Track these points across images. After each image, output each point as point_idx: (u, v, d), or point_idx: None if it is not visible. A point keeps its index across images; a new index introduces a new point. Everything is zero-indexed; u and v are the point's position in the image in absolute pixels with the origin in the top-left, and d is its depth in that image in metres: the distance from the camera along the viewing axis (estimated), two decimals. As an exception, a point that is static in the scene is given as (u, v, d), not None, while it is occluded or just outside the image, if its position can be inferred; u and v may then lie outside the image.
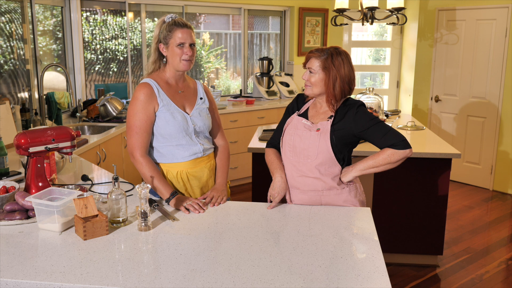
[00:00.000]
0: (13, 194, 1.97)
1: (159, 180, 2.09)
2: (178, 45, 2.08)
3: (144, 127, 2.10)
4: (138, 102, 2.09)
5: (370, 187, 3.39)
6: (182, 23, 2.11)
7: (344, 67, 2.05)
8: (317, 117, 2.15)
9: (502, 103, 5.10)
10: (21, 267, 1.48)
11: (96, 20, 4.87)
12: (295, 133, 2.14)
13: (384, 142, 2.05)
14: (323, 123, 2.10)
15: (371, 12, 4.40)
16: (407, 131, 4.01)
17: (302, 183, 2.13)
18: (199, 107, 2.24)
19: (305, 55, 2.32)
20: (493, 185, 5.28)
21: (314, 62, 2.08)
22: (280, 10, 6.20)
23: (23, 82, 3.87)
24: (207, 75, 6.01)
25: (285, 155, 2.19)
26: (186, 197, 2.06)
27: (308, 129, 2.12)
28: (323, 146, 2.06)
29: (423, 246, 3.44)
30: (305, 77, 2.12)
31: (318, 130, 2.09)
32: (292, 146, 2.14)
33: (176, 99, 2.17)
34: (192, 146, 2.17)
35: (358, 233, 1.80)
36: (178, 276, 1.44)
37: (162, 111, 2.11)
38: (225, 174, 2.29)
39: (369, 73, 7.21)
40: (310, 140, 2.09)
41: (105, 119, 4.22)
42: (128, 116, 2.13)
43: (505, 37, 5.00)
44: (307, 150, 2.09)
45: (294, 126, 2.17)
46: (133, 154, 2.12)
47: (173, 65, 2.14)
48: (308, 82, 2.11)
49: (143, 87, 2.11)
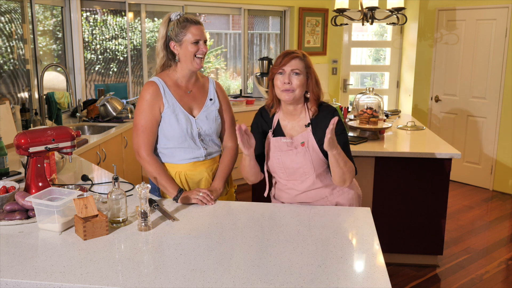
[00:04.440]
0: (13, 194, 1.97)
1: (165, 178, 2.09)
2: (193, 42, 2.04)
3: (150, 126, 2.09)
4: (144, 101, 2.09)
5: (370, 187, 3.39)
6: (195, 20, 2.06)
7: (314, 70, 2.02)
8: (293, 129, 2.04)
9: (502, 103, 5.10)
10: (21, 267, 1.48)
11: (96, 20, 4.87)
12: (281, 155, 2.02)
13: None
14: (303, 134, 2.00)
15: (371, 12, 4.40)
16: (407, 131, 4.01)
17: (307, 197, 2.09)
18: (208, 109, 2.18)
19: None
20: (493, 185, 5.28)
21: (299, 63, 1.94)
22: (280, 10, 6.20)
23: (23, 82, 3.87)
24: (207, 75, 6.00)
25: (278, 177, 2.10)
26: (191, 192, 2.07)
27: (293, 147, 2.01)
28: (316, 159, 2.01)
29: (423, 246, 3.44)
30: (286, 80, 1.93)
31: (303, 144, 1.99)
32: (283, 169, 2.05)
33: (184, 101, 2.13)
34: (194, 150, 2.15)
35: (358, 233, 1.80)
36: (178, 276, 1.44)
37: (167, 113, 2.09)
38: (223, 178, 2.20)
39: (369, 73, 7.20)
40: (300, 157, 2.00)
41: (105, 119, 4.22)
42: (135, 115, 2.13)
43: (505, 37, 5.00)
44: (302, 168, 2.02)
45: (276, 149, 2.03)
46: (139, 152, 2.11)
47: (186, 64, 2.09)
48: (290, 86, 1.93)
49: (149, 86, 2.09)
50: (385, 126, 3.63)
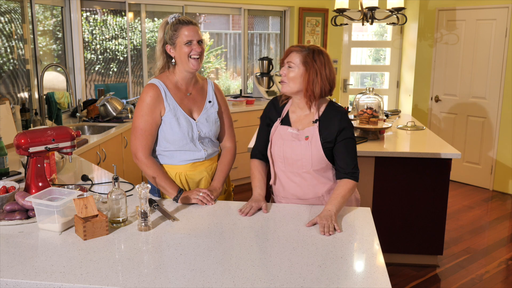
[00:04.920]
0: (13, 194, 1.97)
1: (164, 179, 2.09)
2: (185, 43, 2.04)
3: (149, 129, 2.08)
4: (144, 104, 2.07)
5: (370, 187, 3.39)
6: (187, 20, 2.06)
7: (325, 66, 1.99)
8: (301, 123, 2.07)
9: (502, 103, 5.10)
10: (21, 267, 1.48)
11: (96, 20, 4.87)
12: (283, 144, 2.06)
13: (349, 163, 2.01)
14: (310, 129, 2.03)
15: (371, 12, 4.40)
16: (407, 131, 4.01)
17: (300, 192, 2.10)
18: (207, 112, 2.18)
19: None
20: (493, 185, 5.28)
21: (295, 56, 1.99)
22: (280, 10, 6.20)
23: (23, 82, 3.87)
24: (207, 75, 6.00)
25: (278, 168, 2.12)
26: (191, 192, 2.07)
27: (296, 139, 2.04)
28: (316, 154, 2.02)
29: (423, 246, 3.44)
30: (283, 71, 2.01)
31: (307, 138, 2.02)
32: (283, 158, 2.07)
33: (184, 104, 2.13)
34: (194, 152, 2.15)
35: (358, 233, 1.80)
36: (178, 276, 1.44)
37: (168, 116, 2.09)
38: (222, 178, 2.22)
39: (369, 73, 7.21)
40: (301, 150, 2.02)
41: (105, 119, 4.22)
42: (134, 117, 2.11)
43: (505, 37, 5.00)
44: (300, 160, 2.04)
45: (280, 137, 2.08)
46: (137, 155, 2.11)
47: (182, 66, 2.09)
48: (285, 78, 2.01)
49: (150, 89, 2.08)
50: (385, 126, 3.63)
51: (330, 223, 1.80)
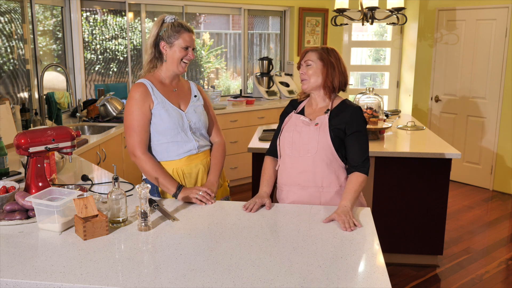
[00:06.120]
0: (13, 194, 1.97)
1: (163, 175, 2.12)
2: (183, 47, 2.13)
3: (142, 125, 2.12)
4: (133, 101, 2.12)
5: (370, 187, 3.39)
6: (189, 27, 2.17)
7: (340, 61, 2.14)
8: (314, 114, 2.19)
9: (502, 103, 5.10)
10: (21, 267, 1.48)
11: (96, 20, 4.87)
12: (294, 129, 2.17)
13: (359, 155, 2.08)
14: (321, 117, 2.14)
15: (371, 12, 4.40)
16: (407, 131, 4.01)
17: (302, 178, 2.14)
18: (194, 104, 2.27)
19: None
20: (493, 185, 5.28)
21: (311, 54, 2.14)
22: (280, 10, 6.20)
23: (23, 82, 3.87)
24: (207, 75, 6.00)
25: (284, 153, 2.19)
26: (191, 188, 2.10)
27: (306, 125, 2.14)
28: (323, 140, 2.09)
29: (423, 246, 3.44)
30: (302, 71, 2.15)
31: (317, 125, 2.12)
32: (291, 143, 2.16)
33: (171, 98, 2.20)
34: (187, 143, 2.19)
35: (358, 233, 1.80)
36: (178, 276, 1.44)
37: (157, 109, 2.14)
38: (217, 171, 2.28)
39: (369, 73, 7.21)
40: (309, 134, 2.12)
41: (105, 119, 4.22)
42: (125, 116, 2.15)
43: (505, 37, 5.00)
44: (307, 144, 2.12)
45: (293, 123, 2.19)
46: (134, 152, 2.13)
47: (171, 66, 2.17)
48: (305, 76, 2.14)
49: (138, 87, 2.14)
50: (385, 126, 3.63)
51: (350, 219, 1.85)
